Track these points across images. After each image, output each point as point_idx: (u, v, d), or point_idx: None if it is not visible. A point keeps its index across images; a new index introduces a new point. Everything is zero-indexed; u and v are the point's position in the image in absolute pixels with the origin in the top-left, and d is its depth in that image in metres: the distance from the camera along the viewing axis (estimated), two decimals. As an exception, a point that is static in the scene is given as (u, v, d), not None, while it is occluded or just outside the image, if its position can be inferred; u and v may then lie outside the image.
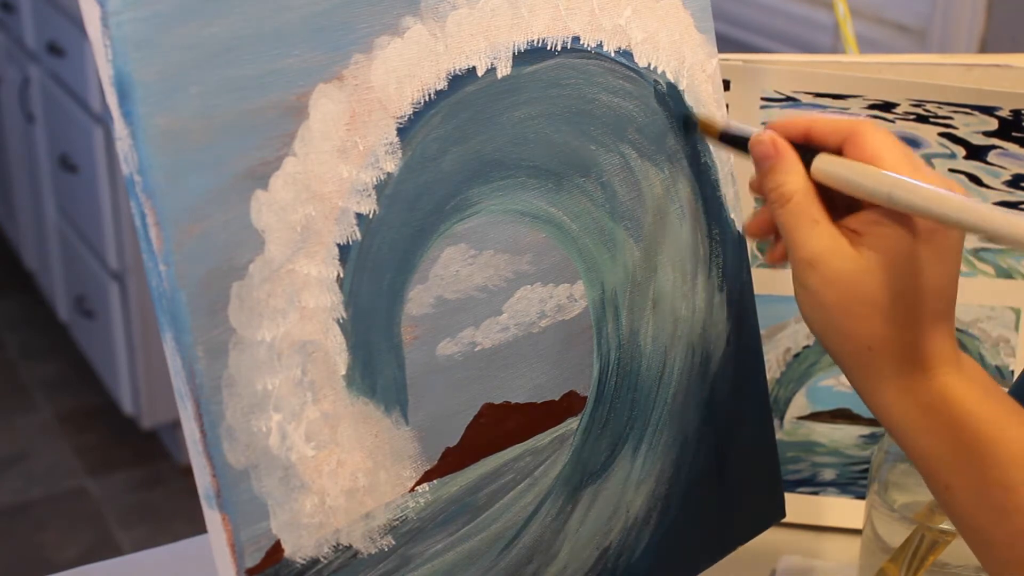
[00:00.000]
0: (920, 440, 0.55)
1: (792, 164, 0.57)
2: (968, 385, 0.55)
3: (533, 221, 0.61)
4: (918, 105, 0.81)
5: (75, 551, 2.10)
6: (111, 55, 0.46)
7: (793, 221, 0.56)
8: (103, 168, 2.17)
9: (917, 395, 0.55)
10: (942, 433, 0.55)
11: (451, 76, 0.56)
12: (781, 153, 0.58)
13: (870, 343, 0.55)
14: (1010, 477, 0.53)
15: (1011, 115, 0.80)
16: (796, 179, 0.57)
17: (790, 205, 0.56)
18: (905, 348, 0.55)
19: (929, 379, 0.55)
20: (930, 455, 0.55)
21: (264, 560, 0.51)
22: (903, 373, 0.55)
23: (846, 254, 0.55)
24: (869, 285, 0.54)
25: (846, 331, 0.55)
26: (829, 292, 0.55)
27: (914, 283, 0.55)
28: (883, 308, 0.55)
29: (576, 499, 0.64)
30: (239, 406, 0.50)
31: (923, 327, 0.55)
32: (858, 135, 0.57)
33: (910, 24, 1.80)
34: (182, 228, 0.48)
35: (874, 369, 0.55)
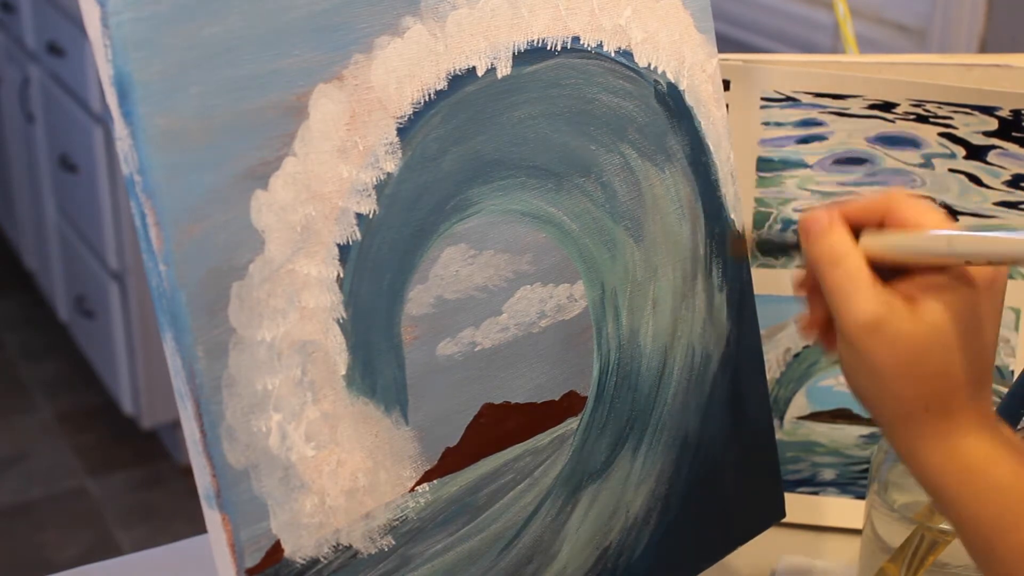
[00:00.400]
0: (963, 504, 0.54)
1: (842, 230, 0.56)
2: (1008, 447, 0.55)
3: (533, 221, 0.61)
4: (918, 105, 0.81)
5: (75, 551, 2.10)
6: (111, 55, 0.46)
7: (848, 282, 0.55)
8: (103, 168, 2.17)
9: (960, 459, 0.54)
10: (985, 496, 0.54)
11: (451, 76, 0.56)
12: (833, 220, 0.57)
13: (927, 404, 0.54)
14: None
15: (1011, 115, 0.80)
16: (847, 241, 0.56)
17: (844, 266, 0.55)
18: (959, 409, 0.54)
19: (973, 443, 0.54)
20: (972, 519, 0.54)
21: (264, 560, 0.51)
22: (947, 437, 0.54)
23: (908, 316, 0.54)
24: (935, 346, 0.54)
25: (902, 395, 0.54)
26: (889, 355, 0.54)
27: (977, 340, 0.54)
28: (947, 369, 0.54)
29: (576, 499, 0.64)
30: (239, 406, 0.50)
31: (977, 386, 0.55)
32: (895, 205, 0.56)
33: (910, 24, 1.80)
34: (182, 228, 0.48)
35: (927, 431, 0.55)
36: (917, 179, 0.82)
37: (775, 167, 0.82)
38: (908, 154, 0.82)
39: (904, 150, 0.82)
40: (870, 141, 0.82)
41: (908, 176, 0.82)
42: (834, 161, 0.82)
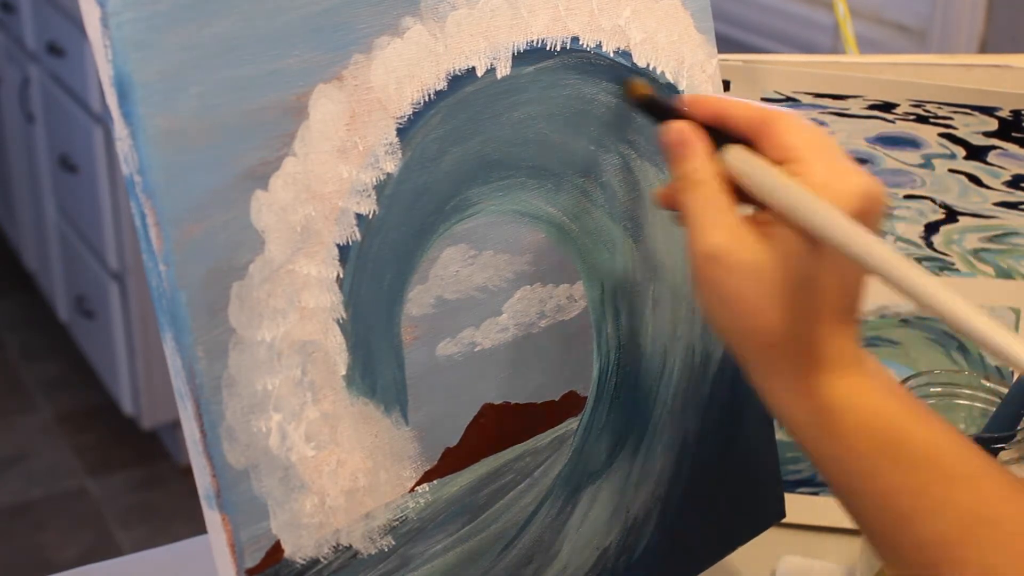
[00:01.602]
0: (821, 444, 0.53)
1: (703, 153, 0.55)
2: (870, 386, 0.53)
3: (533, 221, 0.61)
4: (918, 105, 0.81)
5: (75, 551, 2.10)
6: (111, 55, 0.46)
7: (699, 209, 0.53)
8: (103, 168, 2.17)
9: (817, 397, 0.53)
10: (844, 438, 0.52)
11: (451, 76, 0.56)
12: (692, 143, 0.55)
13: (770, 340, 0.52)
14: (916, 480, 0.51)
15: (1011, 115, 0.80)
16: (706, 167, 0.54)
17: (698, 192, 0.54)
18: (805, 347, 0.52)
19: (830, 381, 0.52)
20: (832, 459, 0.53)
21: (264, 560, 0.51)
22: (802, 374, 0.53)
23: (749, 246, 0.52)
24: (770, 278, 0.52)
25: (746, 327, 0.53)
26: (729, 284, 0.52)
27: (817, 280, 0.52)
28: (784, 303, 0.52)
29: (576, 499, 0.64)
30: (239, 406, 0.50)
31: (824, 326, 0.53)
32: (771, 127, 0.54)
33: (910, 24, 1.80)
34: (182, 228, 0.48)
35: (774, 369, 0.53)
36: (917, 179, 0.82)
37: (775, 167, 0.82)
38: (908, 154, 0.82)
39: (904, 150, 0.82)
40: (870, 141, 0.82)
41: (908, 176, 0.82)
42: (834, 161, 0.82)
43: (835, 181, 0.51)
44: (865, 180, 0.52)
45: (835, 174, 0.52)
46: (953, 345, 0.84)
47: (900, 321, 0.84)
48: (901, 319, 0.84)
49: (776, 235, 0.52)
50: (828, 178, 0.51)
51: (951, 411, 0.73)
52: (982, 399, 0.73)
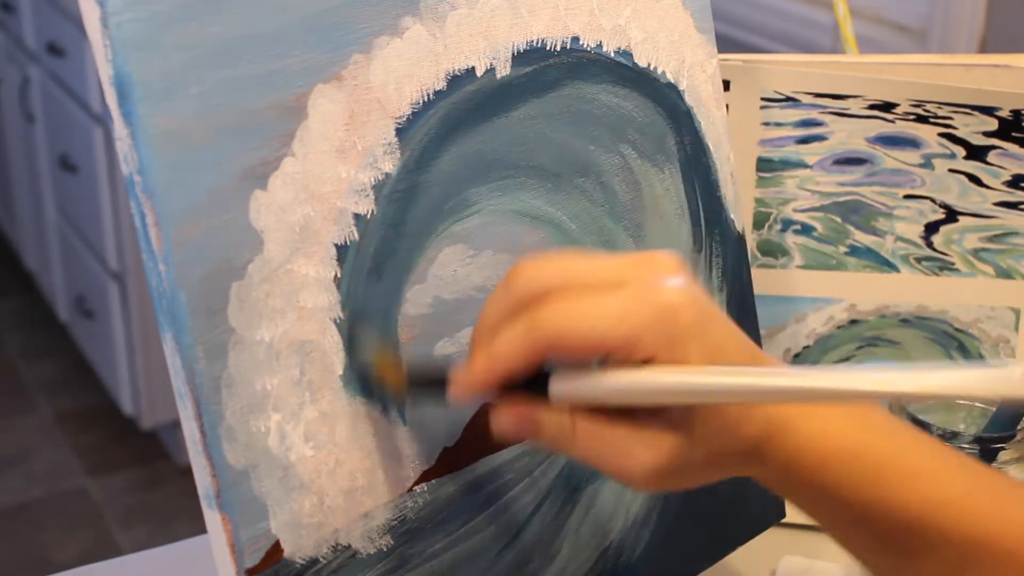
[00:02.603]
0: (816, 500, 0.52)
1: (547, 414, 0.50)
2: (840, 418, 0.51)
3: (532, 221, 0.61)
4: (918, 105, 0.81)
5: (75, 551, 2.10)
6: (111, 55, 0.47)
7: (595, 451, 0.50)
8: (103, 168, 2.17)
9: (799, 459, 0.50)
10: (837, 488, 0.51)
11: (450, 76, 0.56)
12: (529, 414, 0.50)
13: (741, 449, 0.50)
14: (912, 517, 0.50)
15: (1011, 115, 0.80)
16: (561, 421, 0.50)
17: (579, 442, 0.49)
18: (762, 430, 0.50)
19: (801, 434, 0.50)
20: (829, 511, 0.52)
21: (264, 560, 0.51)
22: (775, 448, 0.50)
23: (663, 432, 0.49)
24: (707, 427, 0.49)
25: (718, 470, 0.51)
26: (684, 469, 0.50)
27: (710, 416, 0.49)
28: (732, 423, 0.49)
29: (575, 499, 0.64)
30: (238, 406, 0.50)
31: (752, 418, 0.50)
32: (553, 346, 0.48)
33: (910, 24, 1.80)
34: (181, 228, 0.48)
35: (754, 464, 0.51)
36: (917, 179, 0.82)
37: (775, 167, 0.82)
38: (908, 154, 0.82)
39: (904, 150, 0.82)
40: (870, 141, 0.82)
41: (908, 176, 0.82)
42: (834, 161, 0.82)
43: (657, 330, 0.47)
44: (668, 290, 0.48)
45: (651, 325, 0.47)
46: (953, 345, 0.84)
47: (900, 321, 0.84)
48: (901, 319, 0.84)
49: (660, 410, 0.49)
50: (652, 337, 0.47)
51: (951, 411, 0.73)
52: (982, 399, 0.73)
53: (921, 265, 0.83)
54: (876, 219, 0.83)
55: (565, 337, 0.48)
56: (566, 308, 0.48)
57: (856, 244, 0.83)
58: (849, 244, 0.83)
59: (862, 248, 0.83)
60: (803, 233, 0.83)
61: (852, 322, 0.84)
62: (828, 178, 0.82)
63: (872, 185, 0.82)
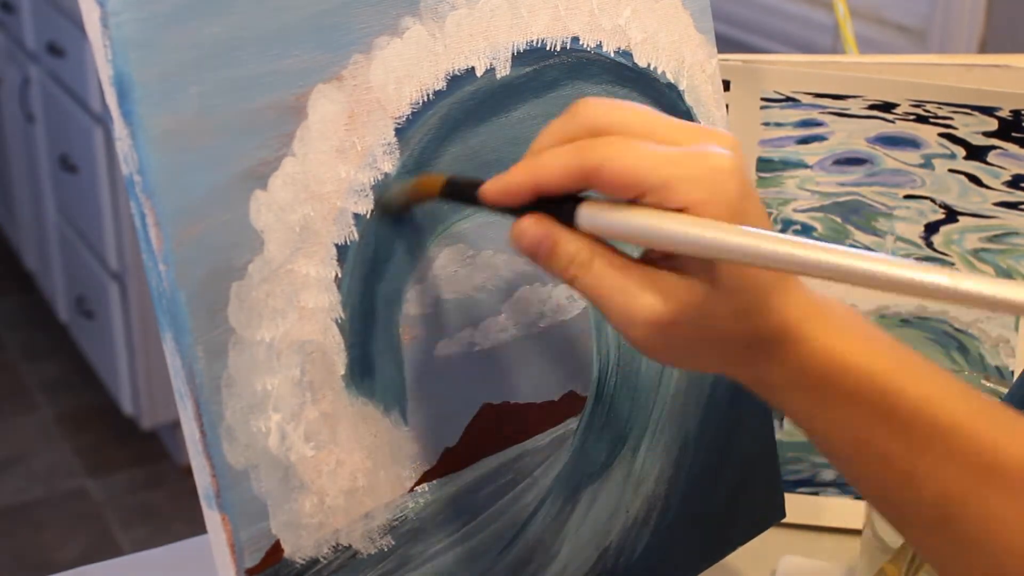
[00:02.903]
0: (815, 420, 0.51)
1: (568, 237, 0.50)
2: (849, 340, 0.50)
3: (532, 221, 0.60)
4: (918, 105, 0.81)
5: (75, 551, 2.10)
6: (111, 55, 0.47)
7: (602, 287, 0.49)
8: (103, 168, 2.17)
9: (804, 376, 0.50)
10: (835, 409, 0.50)
11: (450, 76, 0.56)
12: (551, 233, 0.50)
13: (748, 340, 0.50)
14: (913, 440, 0.50)
15: (1011, 115, 0.80)
16: (581, 246, 0.49)
17: (593, 273, 0.49)
18: (777, 327, 0.50)
19: (808, 353, 0.50)
20: (826, 432, 0.52)
21: (264, 560, 0.51)
22: (789, 352, 0.50)
23: (676, 287, 0.49)
24: (719, 296, 0.49)
25: (718, 352, 0.50)
26: (684, 332, 0.49)
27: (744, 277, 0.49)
28: (742, 305, 0.49)
29: (576, 499, 0.64)
30: (239, 406, 0.50)
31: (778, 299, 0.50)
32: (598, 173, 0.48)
33: (910, 24, 1.80)
34: (182, 228, 0.48)
35: (758, 363, 0.51)
36: (917, 179, 0.82)
37: (775, 167, 0.82)
38: (908, 154, 0.82)
39: (904, 150, 0.82)
40: (870, 141, 0.82)
41: (908, 176, 0.82)
42: (834, 161, 0.82)
43: (698, 189, 0.47)
44: (721, 160, 0.48)
45: (693, 181, 0.47)
46: (953, 345, 0.84)
47: (900, 321, 0.84)
48: (901, 319, 0.84)
49: (679, 264, 0.49)
50: (691, 191, 0.47)
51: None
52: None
53: (920, 265, 0.83)
54: (876, 219, 0.83)
55: (610, 165, 0.48)
56: (619, 142, 0.49)
57: (856, 244, 0.83)
58: (849, 244, 0.83)
59: (862, 248, 0.83)
60: (803, 233, 0.83)
61: None
62: (828, 178, 0.83)
63: (872, 185, 0.82)
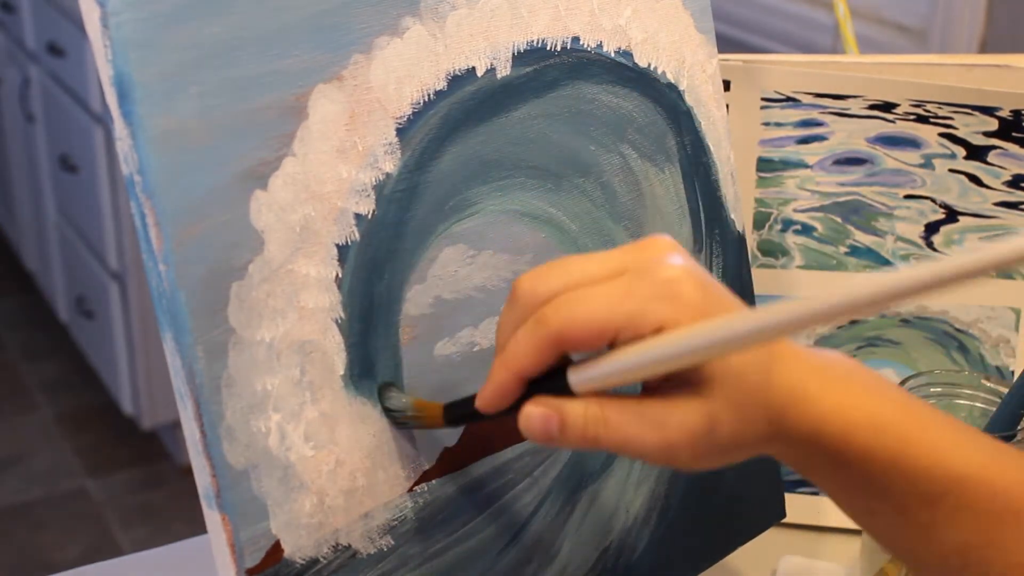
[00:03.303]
0: (831, 480, 0.51)
1: (572, 408, 0.50)
2: (857, 394, 0.51)
3: (532, 221, 0.61)
4: (918, 105, 0.81)
5: (75, 551, 2.10)
6: (111, 55, 0.47)
7: (632, 432, 0.49)
8: (103, 168, 2.17)
9: (821, 432, 0.50)
10: (848, 467, 0.50)
11: (450, 76, 0.56)
12: (554, 414, 0.50)
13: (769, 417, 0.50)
14: (928, 491, 0.50)
15: (1011, 115, 0.80)
16: (590, 412, 0.49)
17: (609, 430, 0.49)
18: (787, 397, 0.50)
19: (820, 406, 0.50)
20: (843, 489, 0.52)
21: (264, 560, 0.51)
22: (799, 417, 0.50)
23: (694, 399, 0.49)
24: (735, 388, 0.49)
25: (750, 436, 0.50)
26: (720, 433, 0.49)
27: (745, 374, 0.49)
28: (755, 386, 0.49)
29: (575, 499, 0.64)
30: (239, 406, 0.50)
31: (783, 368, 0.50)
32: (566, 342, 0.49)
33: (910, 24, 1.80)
34: (182, 228, 0.48)
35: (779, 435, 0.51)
36: (917, 179, 0.82)
37: (775, 167, 0.82)
38: (908, 154, 0.82)
39: (904, 150, 0.82)
40: (870, 141, 0.82)
41: (908, 176, 0.82)
42: (834, 161, 0.82)
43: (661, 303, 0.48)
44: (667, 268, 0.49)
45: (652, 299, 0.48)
46: (953, 345, 0.84)
47: (900, 321, 0.84)
48: (901, 319, 0.84)
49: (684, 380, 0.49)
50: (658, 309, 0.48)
51: (951, 411, 0.73)
52: (982, 399, 0.73)
53: (920, 265, 0.83)
54: (876, 219, 0.83)
55: (572, 325, 0.48)
56: (569, 300, 0.49)
57: (856, 244, 0.83)
58: (849, 244, 0.83)
59: (862, 248, 0.83)
60: (803, 233, 0.83)
61: (852, 322, 0.84)
62: (828, 178, 0.83)
63: (872, 185, 0.82)
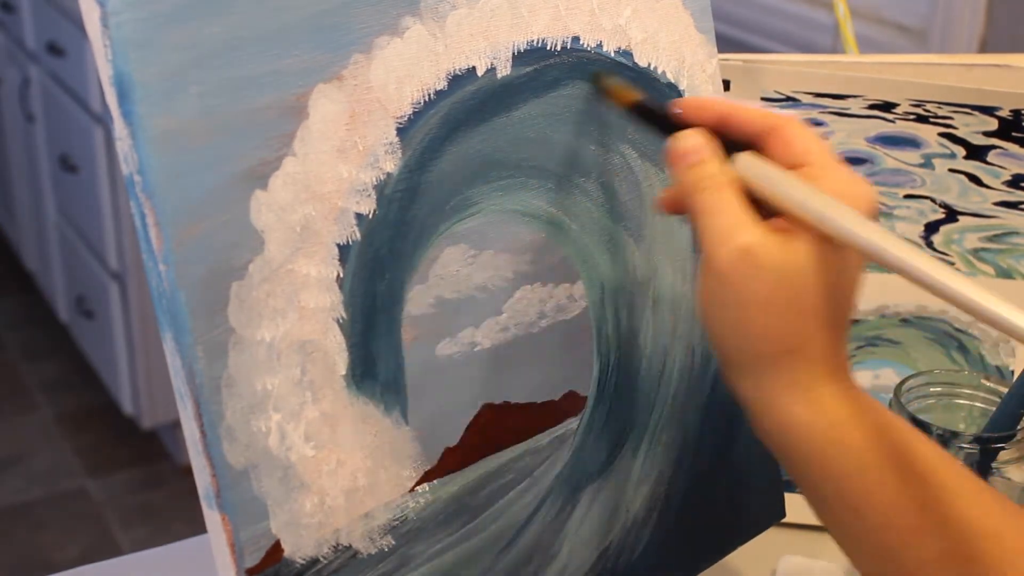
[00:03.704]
0: (827, 458, 0.51)
1: (717, 161, 0.53)
2: (865, 405, 0.52)
3: (533, 221, 0.61)
4: (918, 105, 0.81)
5: (75, 551, 2.10)
6: (111, 55, 0.46)
7: (723, 210, 0.51)
8: (103, 168, 2.17)
9: (829, 413, 0.51)
10: (854, 449, 0.51)
11: (451, 76, 0.56)
12: (705, 149, 0.54)
13: (790, 346, 0.51)
14: (923, 495, 0.51)
15: (1011, 115, 0.80)
16: (724, 172, 0.53)
17: (719, 195, 0.52)
18: (820, 356, 0.51)
19: (842, 391, 0.52)
20: (836, 475, 0.52)
21: (264, 560, 0.51)
22: (815, 385, 0.51)
23: (780, 247, 0.50)
24: (804, 283, 0.50)
25: (766, 332, 0.51)
26: (759, 285, 0.50)
27: (841, 284, 0.52)
28: (806, 309, 0.51)
29: (576, 499, 0.64)
30: (239, 406, 0.50)
31: (835, 334, 0.52)
32: (780, 133, 0.54)
33: (910, 24, 1.80)
34: (182, 228, 0.48)
35: (786, 378, 0.51)
36: (917, 179, 0.82)
37: (775, 167, 0.82)
38: (908, 154, 0.82)
39: (904, 150, 0.82)
40: (870, 141, 0.82)
41: (908, 176, 0.82)
42: (834, 161, 0.82)
43: (847, 187, 0.52)
44: (870, 188, 0.53)
45: (845, 182, 0.52)
46: (953, 345, 0.84)
47: (900, 321, 0.84)
48: (901, 319, 0.84)
49: (798, 240, 0.51)
50: (840, 185, 0.52)
51: (951, 411, 0.73)
52: (982, 399, 0.73)
53: (926, 265, 0.83)
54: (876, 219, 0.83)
55: (795, 128, 0.54)
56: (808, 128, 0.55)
57: (856, 244, 0.83)
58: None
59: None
60: (803, 233, 0.83)
61: (852, 322, 0.84)
62: (828, 178, 0.82)
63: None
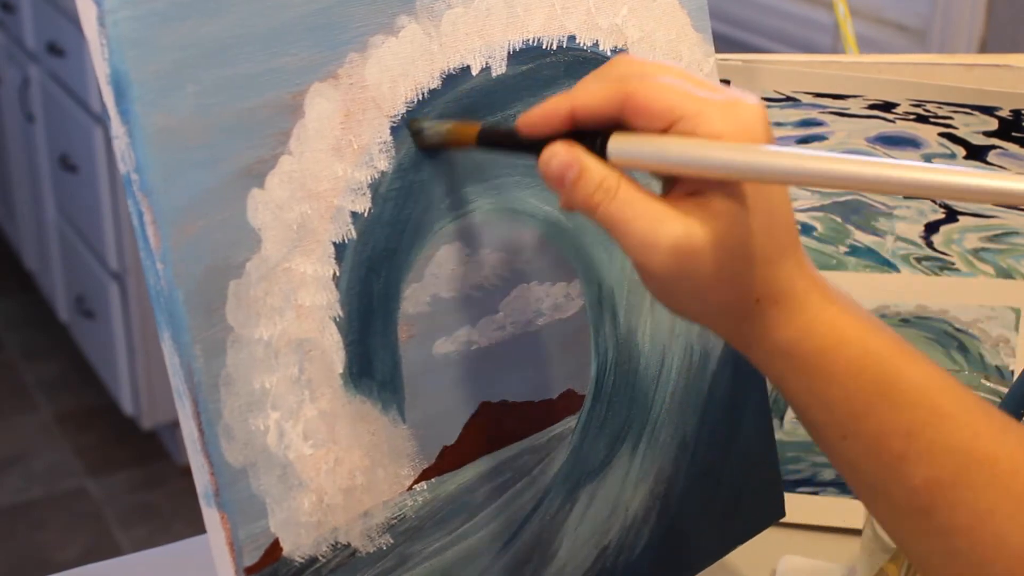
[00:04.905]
0: (813, 390, 0.51)
1: (595, 163, 0.50)
2: (851, 319, 0.51)
3: (529, 219, 0.61)
4: (918, 105, 0.81)
5: (75, 551, 2.10)
6: (108, 54, 0.47)
7: (631, 214, 0.49)
8: (103, 168, 2.17)
9: (804, 344, 0.51)
10: (837, 377, 0.51)
11: (445, 75, 0.56)
12: (578, 160, 0.50)
13: (757, 295, 0.50)
14: (911, 420, 0.50)
15: (1011, 115, 0.80)
16: (608, 174, 0.50)
17: (618, 200, 0.49)
18: (789, 286, 0.51)
19: (810, 324, 0.51)
20: (823, 404, 0.51)
21: (263, 558, 0.51)
22: (796, 313, 0.51)
23: (701, 220, 0.49)
24: (741, 232, 0.49)
25: (728, 300, 0.50)
26: (702, 267, 0.49)
27: (773, 210, 0.50)
28: (760, 254, 0.50)
29: (574, 498, 0.64)
30: (237, 404, 0.50)
31: (793, 256, 0.51)
32: (633, 102, 0.50)
33: (910, 24, 1.80)
34: (179, 227, 0.48)
35: (768, 322, 0.51)
36: (916, 178, 0.82)
37: (774, 166, 0.82)
38: (908, 154, 0.82)
39: (904, 150, 0.82)
40: (870, 141, 0.82)
41: (907, 175, 0.82)
42: (833, 160, 0.82)
43: (727, 123, 0.49)
44: (752, 109, 0.50)
45: (723, 119, 0.49)
46: (953, 345, 0.84)
47: (900, 321, 0.84)
48: (901, 319, 0.84)
49: (713, 199, 0.49)
50: (719, 124, 0.49)
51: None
52: (981, 398, 0.72)
53: (921, 265, 0.83)
54: (876, 219, 0.83)
55: (645, 91, 0.49)
56: (654, 77, 0.50)
57: (856, 244, 0.83)
58: (849, 244, 0.83)
59: (862, 248, 0.83)
60: (803, 233, 0.83)
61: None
62: (827, 177, 0.82)
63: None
